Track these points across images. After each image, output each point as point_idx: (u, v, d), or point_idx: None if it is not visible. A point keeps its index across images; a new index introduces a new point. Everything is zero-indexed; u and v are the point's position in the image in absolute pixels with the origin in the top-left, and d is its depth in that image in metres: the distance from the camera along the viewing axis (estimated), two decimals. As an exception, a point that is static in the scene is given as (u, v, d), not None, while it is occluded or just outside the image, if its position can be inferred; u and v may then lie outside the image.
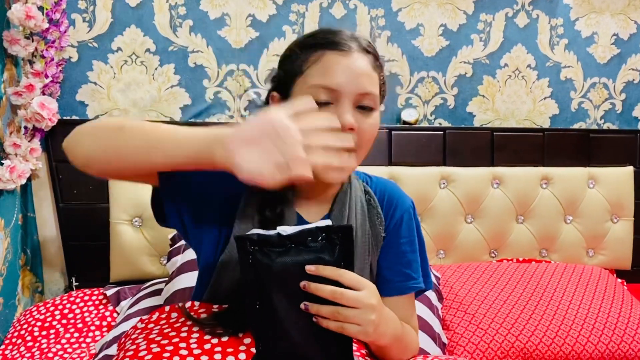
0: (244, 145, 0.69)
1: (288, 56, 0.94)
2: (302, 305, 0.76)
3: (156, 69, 1.79)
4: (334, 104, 0.87)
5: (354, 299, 0.76)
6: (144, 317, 1.01)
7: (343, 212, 0.98)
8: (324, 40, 0.90)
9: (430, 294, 1.56)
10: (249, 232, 0.75)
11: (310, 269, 0.75)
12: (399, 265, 1.01)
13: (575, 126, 2.13)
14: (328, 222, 0.77)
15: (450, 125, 2.02)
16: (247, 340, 0.86)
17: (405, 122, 1.94)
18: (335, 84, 0.87)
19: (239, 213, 0.93)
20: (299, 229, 0.75)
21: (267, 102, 0.98)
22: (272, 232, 0.75)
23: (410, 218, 1.04)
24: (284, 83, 0.93)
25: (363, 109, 0.89)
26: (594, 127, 2.15)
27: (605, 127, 2.16)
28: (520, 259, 1.97)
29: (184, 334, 0.87)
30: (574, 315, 1.54)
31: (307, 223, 0.86)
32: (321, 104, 0.86)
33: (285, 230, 0.75)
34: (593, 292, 1.68)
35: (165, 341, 0.86)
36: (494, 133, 1.97)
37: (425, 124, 2.01)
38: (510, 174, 1.96)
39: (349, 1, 1.88)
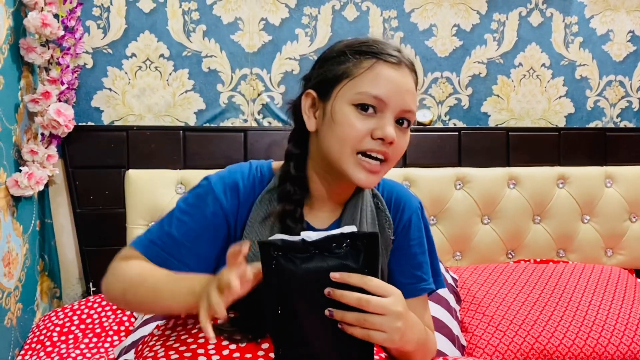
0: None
1: (335, 58, 0.93)
2: (326, 312, 0.75)
3: (170, 74, 1.80)
4: (378, 114, 0.89)
5: (381, 306, 0.76)
6: (161, 323, 1.01)
7: (355, 217, 0.98)
8: (377, 50, 0.90)
9: (448, 296, 1.55)
10: (272, 238, 0.75)
11: (335, 276, 0.74)
12: (410, 267, 1.01)
13: (592, 125, 2.11)
14: (353, 228, 0.77)
15: (465, 125, 2.01)
16: (265, 346, 0.86)
17: (419, 123, 1.93)
18: (384, 95, 0.88)
19: (248, 223, 0.94)
20: (324, 235, 0.75)
21: (298, 100, 0.97)
22: (296, 238, 0.75)
23: (418, 219, 1.04)
24: (325, 83, 0.92)
25: (401, 124, 0.90)
26: (611, 125, 2.12)
27: (622, 125, 2.13)
28: (538, 260, 1.96)
29: (201, 340, 0.87)
30: (594, 316, 1.52)
31: (317, 230, 0.88)
32: (365, 110, 0.88)
33: (309, 236, 0.75)
34: (613, 292, 1.65)
35: (183, 347, 0.86)
36: (509, 133, 1.96)
37: (439, 125, 2.00)
38: (526, 174, 1.94)
39: (362, 3, 1.87)
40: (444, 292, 1.55)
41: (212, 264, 0.95)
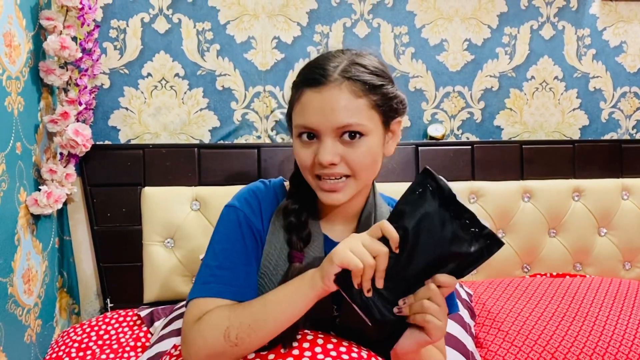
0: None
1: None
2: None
3: (185, 92, 1.83)
4: (317, 139, 0.91)
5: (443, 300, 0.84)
6: (178, 342, 1.03)
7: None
8: (302, 78, 0.93)
9: (463, 312, 1.54)
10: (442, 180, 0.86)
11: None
12: None
13: (607, 137, 2.09)
14: (487, 224, 0.84)
15: (477, 139, 2.01)
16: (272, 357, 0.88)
17: (432, 138, 1.93)
18: (310, 123, 0.90)
19: (267, 239, 0.97)
20: (469, 210, 0.84)
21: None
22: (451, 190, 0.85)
23: None
24: (288, 116, 0.99)
25: (351, 138, 0.90)
26: (626, 137, 2.11)
27: (638, 137, 2.11)
28: (554, 274, 1.94)
29: None
30: (612, 331, 1.50)
31: (335, 243, 0.92)
32: (306, 139, 0.92)
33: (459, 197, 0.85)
34: (631, 306, 1.63)
35: None
36: (523, 146, 1.95)
37: (452, 139, 2.00)
38: (540, 187, 1.93)
39: (373, 20, 1.90)
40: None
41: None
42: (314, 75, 0.90)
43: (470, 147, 1.92)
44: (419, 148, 1.88)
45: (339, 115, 0.88)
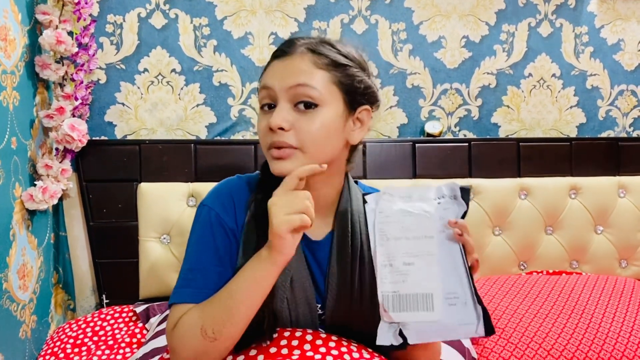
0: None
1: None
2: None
3: (182, 88, 1.82)
4: (274, 108, 0.92)
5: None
6: None
7: (346, 227, 1.00)
8: (273, 53, 0.97)
9: (459, 308, 1.54)
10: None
11: (452, 222, 0.90)
12: None
13: (604, 135, 2.10)
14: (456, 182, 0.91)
15: (475, 136, 2.01)
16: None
17: (429, 135, 1.93)
18: (266, 82, 0.93)
19: (242, 236, 0.96)
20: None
21: None
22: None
23: None
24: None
25: (306, 107, 0.90)
26: (623, 135, 2.11)
27: (634, 134, 2.12)
28: (551, 271, 1.94)
29: None
30: (608, 329, 1.51)
31: (314, 242, 0.98)
32: (265, 108, 0.94)
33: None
34: (627, 304, 1.63)
35: None
36: (520, 143, 1.95)
37: (449, 136, 2.00)
38: (537, 185, 1.93)
39: (370, 16, 1.89)
40: (454, 304, 1.54)
41: None
42: (281, 47, 0.96)
43: (467, 144, 1.91)
44: (416, 145, 1.88)
45: (294, 75, 0.91)
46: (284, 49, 0.94)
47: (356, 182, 1.09)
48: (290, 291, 0.96)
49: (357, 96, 0.96)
